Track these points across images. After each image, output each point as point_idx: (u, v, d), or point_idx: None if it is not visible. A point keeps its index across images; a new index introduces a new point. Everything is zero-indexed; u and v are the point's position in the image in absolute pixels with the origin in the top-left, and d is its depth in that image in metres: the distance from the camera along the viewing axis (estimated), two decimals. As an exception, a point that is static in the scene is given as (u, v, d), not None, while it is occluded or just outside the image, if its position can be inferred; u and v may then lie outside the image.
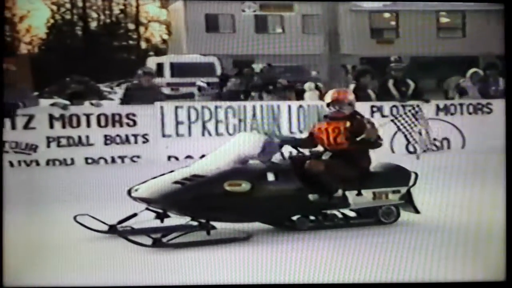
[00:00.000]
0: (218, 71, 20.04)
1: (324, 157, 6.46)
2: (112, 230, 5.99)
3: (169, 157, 6.45)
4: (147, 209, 5.94)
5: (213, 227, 5.95)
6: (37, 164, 8.35)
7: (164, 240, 5.66)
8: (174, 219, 5.93)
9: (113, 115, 8.67)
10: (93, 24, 34.80)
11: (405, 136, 6.72)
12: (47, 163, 8.41)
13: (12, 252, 4.93)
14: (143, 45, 37.30)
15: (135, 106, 8.85)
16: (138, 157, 8.84)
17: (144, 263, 5.20)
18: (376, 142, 6.39)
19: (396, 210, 6.55)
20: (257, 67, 18.31)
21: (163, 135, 8.89)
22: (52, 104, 8.80)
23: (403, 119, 6.78)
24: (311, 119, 9.39)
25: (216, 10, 26.13)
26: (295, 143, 6.82)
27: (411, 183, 6.59)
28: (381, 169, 6.69)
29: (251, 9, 25.53)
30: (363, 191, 6.41)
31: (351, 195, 6.37)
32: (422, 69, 17.94)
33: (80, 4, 33.18)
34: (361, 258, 5.24)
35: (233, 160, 6.14)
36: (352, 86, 10.55)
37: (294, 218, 6.26)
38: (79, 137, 8.50)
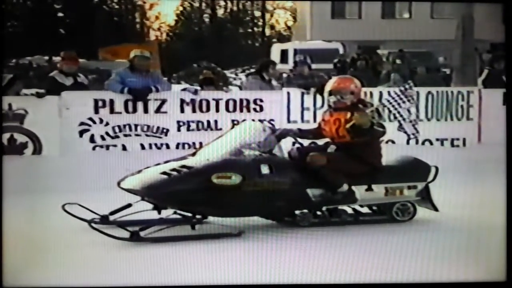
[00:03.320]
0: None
1: (329, 150, 6.09)
2: (104, 220, 5.74)
3: (293, 143, 6.44)
4: (142, 199, 5.63)
5: (200, 222, 5.68)
6: (168, 147, 8.56)
7: (142, 233, 5.37)
8: (169, 211, 5.67)
9: (241, 100, 8.74)
10: (220, 12, 35.54)
11: (394, 116, 6.23)
12: (177, 146, 8.59)
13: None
14: (268, 32, 37.73)
15: (263, 92, 8.91)
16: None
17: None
18: (373, 130, 5.79)
19: (413, 207, 6.14)
20: (384, 53, 18.04)
21: (289, 121, 8.87)
22: (184, 89, 9.01)
23: (392, 97, 6.26)
24: (440, 105, 9.15)
25: (343, -4, 25.96)
26: (301, 134, 6.46)
27: (430, 178, 6.14)
28: (396, 163, 6.25)
29: (379, -6, 25.10)
30: (373, 187, 6.00)
31: (359, 190, 5.96)
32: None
33: (208, -9, 33.96)
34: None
35: (227, 151, 5.85)
36: (485, 72, 10.18)
37: (297, 212, 5.91)
38: (208, 122, 8.63)
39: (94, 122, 8.35)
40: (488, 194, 5.68)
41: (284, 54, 22.05)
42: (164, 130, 8.54)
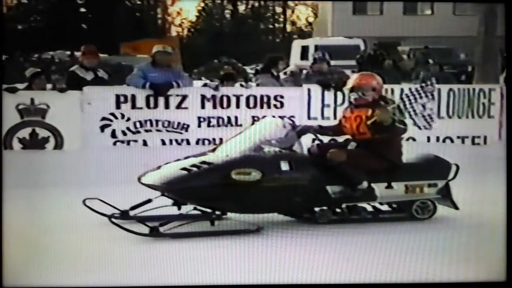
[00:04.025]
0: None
1: (349, 147, 6.05)
2: (124, 215, 5.77)
3: (313, 140, 6.44)
4: (162, 195, 5.68)
5: (219, 217, 5.67)
6: (188, 143, 8.59)
7: (162, 229, 5.39)
8: (189, 207, 5.68)
9: (261, 96, 8.74)
10: (241, 8, 35.55)
11: (409, 113, 6.21)
12: (197, 142, 8.62)
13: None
14: (289, 28, 37.70)
15: (284, 88, 8.92)
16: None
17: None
18: (394, 127, 5.79)
19: (433, 205, 6.10)
20: (405, 49, 17.92)
21: (309, 118, 8.86)
22: (204, 85, 9.03)
23: (411, 93, 6.24)
24: (461, 102, 9.10)
25: (365, -8, 25.83)
26: (321, 131, 6.43)
27: (450, 176, 6.09)
28: (417, 161, 6.23)
29: (400, -10, 24.98)
30: (393, 184, 5.97)
31: (379, 187, 5.94)
32: None
33: (230, -13, 34.01)
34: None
35: (247, 147, 5.85)
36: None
37: (317, 209, 5.90)
38: (228, 118, 8.65)
39: (116, 117, 8.39)
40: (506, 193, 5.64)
41: (304, 50, 21.97)
42: (185, 126, 8.57)
